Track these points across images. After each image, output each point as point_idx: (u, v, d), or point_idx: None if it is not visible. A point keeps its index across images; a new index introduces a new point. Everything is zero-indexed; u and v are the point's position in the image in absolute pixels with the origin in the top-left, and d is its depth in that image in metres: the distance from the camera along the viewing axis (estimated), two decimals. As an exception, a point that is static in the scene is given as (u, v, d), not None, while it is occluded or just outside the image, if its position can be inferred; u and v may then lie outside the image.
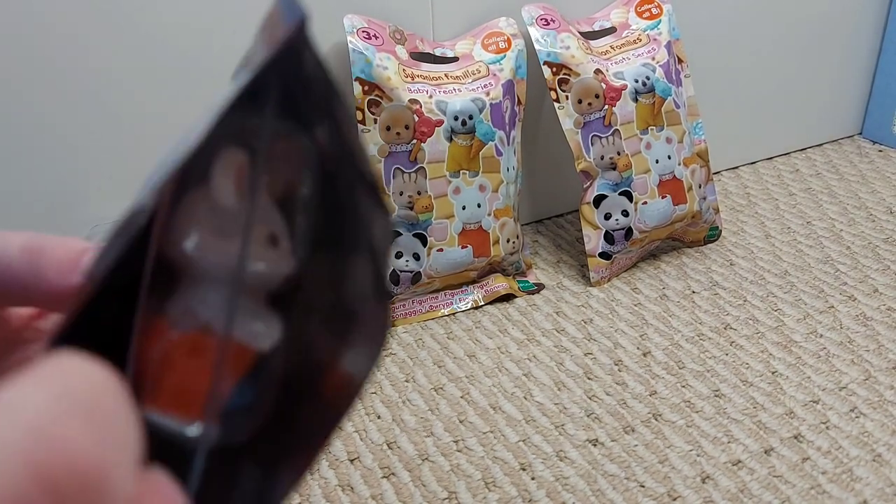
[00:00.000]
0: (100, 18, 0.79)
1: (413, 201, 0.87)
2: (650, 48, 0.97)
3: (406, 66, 0.87)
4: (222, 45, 0.85)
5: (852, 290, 0.96)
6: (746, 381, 0.82)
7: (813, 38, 1.20)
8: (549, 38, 0.93)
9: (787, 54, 1.19)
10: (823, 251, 1.03)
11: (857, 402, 0.79)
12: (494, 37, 0.93)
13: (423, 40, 0.92)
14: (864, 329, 0.89)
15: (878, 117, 1.28)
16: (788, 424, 0.77)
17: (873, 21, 1.23)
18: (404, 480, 0.73)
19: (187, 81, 0.85)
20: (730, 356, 0.86)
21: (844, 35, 1.23)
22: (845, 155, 1.26)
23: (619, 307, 0.94)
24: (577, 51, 0.93)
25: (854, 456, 0.74)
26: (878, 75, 1.27)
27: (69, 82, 0.80)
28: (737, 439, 0.76)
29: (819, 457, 0.74)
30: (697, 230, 1.03)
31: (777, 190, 1.18)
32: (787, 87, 1.22)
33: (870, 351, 0.86)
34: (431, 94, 0.87)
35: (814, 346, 0.87)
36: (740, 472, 0.72)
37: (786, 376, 0.83)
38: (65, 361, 0.17)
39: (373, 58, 0.85)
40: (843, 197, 1.15)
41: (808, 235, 1.06)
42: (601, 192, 0.95)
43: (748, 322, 0.91)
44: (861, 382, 0.82)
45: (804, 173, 1.22)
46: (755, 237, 1.07)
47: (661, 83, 0.95)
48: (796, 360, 0.85)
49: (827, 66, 1.24)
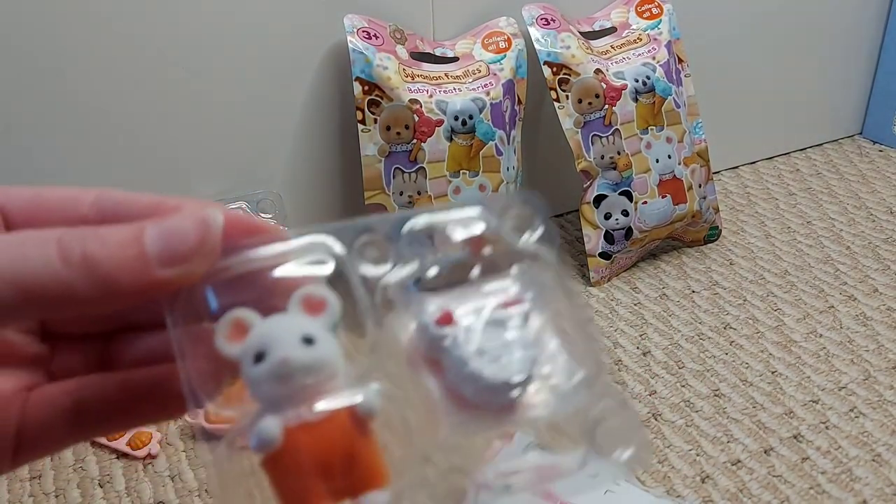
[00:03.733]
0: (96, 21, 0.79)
1: (413, 201, 0.87)
2: (650, 48, 0.97)
3: (406, 66, 0.87)
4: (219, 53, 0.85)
5: (852, 289, 0.96)
6: (746, 381, 0.82)
7: (813, 37, 1.20)
8: (549, 37, 0.93)
9: (787, 54, 1.19)
10: (823, 251, 1.03)
11: (857, 402, 0.79)
12: (495, 36, 0.93)
13: (423, 40, 0.92)
14: (863, 329, 0.89)
15: (879, 117, 1.28)
16: (788, 424, 0.77)
17: (874, 20, 1.23)
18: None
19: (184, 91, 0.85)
20: (729, 356, 0.86)
21: (845, 34, 1.22)
22: (845, 154, 1.26)
23: (619, 307, 0.94)
24: (577, 50, 0.93)
25: (853, 456, 0.74)
26: (878, 75, 1.27)
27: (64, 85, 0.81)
28: (736, 439, 0.76)
29: (818, 457, 0.74)
30: (697, 230, 1.03)
31: (777, 190, 1.18)
32: (787, 86, 1.22)
33: (869, 351, 0.86)
34: (431, 93, 0.87)
35: (813, 345, 0.87)
36: (740, 471, 0.72)
37: (785, 376, 0.83)
38: None
39: (373, 58, 0.85)
40: (844, 197, 1.15)
41: (808, 235, 1.06)
42: (601, 192, 0.95)
43: (748, 322, 0.91)
44: (861, 382, 0.82)
45: (804, 173, 1.22)
46: (755, 237, 1.07)
47: (661, 83, 0.95)
48: (796, 359, 0.85)
49: (827, 65, 1.24)
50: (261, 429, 0.25)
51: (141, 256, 0.24)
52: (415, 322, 0.29)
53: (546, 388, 0.29)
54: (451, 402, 0.28)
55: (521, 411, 0.28)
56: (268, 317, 0.26)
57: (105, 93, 0.82)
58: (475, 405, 0.28)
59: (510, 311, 0.29)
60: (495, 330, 0.28)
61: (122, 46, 0.81)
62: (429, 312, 0.29)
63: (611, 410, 0.29)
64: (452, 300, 0.29)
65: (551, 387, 0.29)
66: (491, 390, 0.27)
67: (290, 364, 0.25)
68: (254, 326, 0.26)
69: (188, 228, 0.25)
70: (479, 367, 0.27)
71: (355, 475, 0.25)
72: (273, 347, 0.25)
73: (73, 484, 0.74)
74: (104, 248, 0.24)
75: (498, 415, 0.28)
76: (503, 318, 0.29)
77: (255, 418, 0.26)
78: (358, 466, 0.26)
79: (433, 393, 0.28)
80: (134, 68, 0.82)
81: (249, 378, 0.26)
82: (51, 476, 0.74)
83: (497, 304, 0.29)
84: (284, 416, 0.25)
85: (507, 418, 0.28)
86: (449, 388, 0.28)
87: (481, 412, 0.28)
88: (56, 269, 0.23)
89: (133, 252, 0.24)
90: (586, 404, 0.29)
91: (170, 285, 0.25)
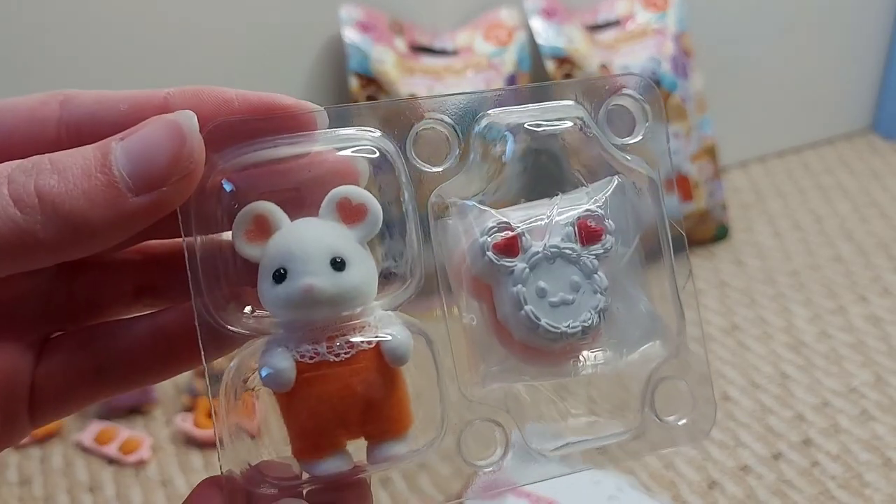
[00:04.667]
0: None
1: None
2: (657, 41, 0.95)
3: (405, 59, 0.86)
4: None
5: (864, 289, 0.94)
6: (755, 384, 0.81)
7: (823, 30, 1.19)
8: (552, 30, 0.91)
9: (797, 47, 1.18)
10: (834, 250, 1.01)
11: (868, 406, 0.78)
12: (496, 28, 0.91)
13: (422, 31, 0.91)
14: (875, 330, 0.87)
15: (891, 112, 1.26)
16: (797, 428, 0.76)
17: (885, 14, 1.22)
18: (400, 489, 0.71)
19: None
20: (738, 358, 0.84)
21: (856, 28, 1.21)
22: (856, 151, 1.24)
23: (624, 307, 0.93)
24: (581, 43, 0.91)
25: (864, 461, 0.72)
26: (889, 70, 1.25)
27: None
28: (744, 444, 0.74)
29: (828, 461, 0.72)
30: (705, 228, 1.02)
31: (787, 187, 1.16)
32: (796, 79, 1.20)
33: (881, 353, 0.84)
34: (431, 87, 0.85)
35: (824, 347, 0.85)
36: (748, 477, 0.71)
37: (795, 379, 0.81)
38: None
39: (370, 51, 0.83)
40: (855, 194, 1.13)
41: (819, 233, 1.05)
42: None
43: (757, 322, 0.89)
44: (872, 385, 0.80)
45: (814, 169, 1.20)
46: (764, 235, 1.05)
47: (667, 77, 0.93)
48: (806, 361, 0.83)
49: (837, 59, 1.22)
50: (271, 366, 0.22)
51: (110, 184, 0.20)
52: (470, 237, 0.25)
53: (611, 342, 0.25)
54: (496, 338, 0.25)
55: (576, 363, 0.25)
56: (296, 220, 0.23)
57: (95, 87, 0.81)
58: (524, 346, 0.24)
59: (587, 246, 0.25)
60: (565, 267, 0.25)
61: (112, 40, 0.80)
62: (488, 229, 0.24)
63: (677, 371, 0.26)
64: (520, 217, 0.25)
65: (616, 341, 0.26)
66: (545, 338, 0.24)
67: (315, 295, 0.22)
68: (279, 228, 0.23)
69: (160, 139, 0.21)
70: (537, 311, 0.24)
71: (375, 423, 0.23)
72: (297, 268, 0.22)
73: (62, 489, 0.72)
74: (64, 181, 0.20)
75: (548, 361, 0.25)
76: (576, 254, 0.25)
77: (268, 346, 0.23)
78: (378, 415, 0.23)
79: (477, 325, 0.25)
80: (123, 63, 0.81)
81: (266, 295, 0.23)
82: (40, 481, 0.73)
83: (574, 229, 0.25)
84: (299, 351, 0.22)
85: (558, 368, 0.25)
86: (497, 321, 0.25)
87: (530, 355, 0.24)
88: (10, 214, 0.19)
89: (101, 181, 0.20)
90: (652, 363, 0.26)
91: (149, 215, 0.21)
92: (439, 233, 0.25)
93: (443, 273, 0.25)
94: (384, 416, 0.23)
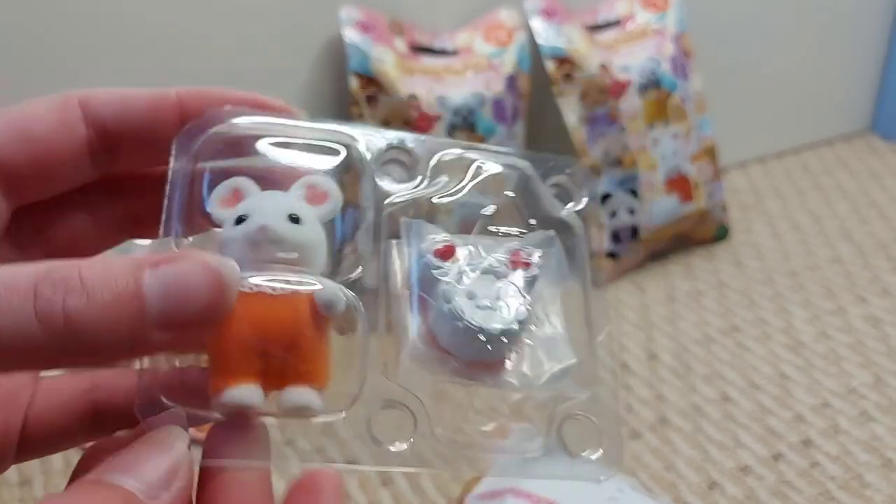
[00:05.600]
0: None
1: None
2: (656, 41, 0.95)
3: (405, 60, 0.86)
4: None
5: (863, 290, 0.94)
6: (754, 385, 0.81)
7: (822, 31, 1.18)
8: (552, 30, 0.91)
9: (796, 48, 1.18)
10: (833, 250, 1.01)
11: (867, 406, 0.78)
12: (496, 29, 0.91)
13: (422, 32, 0.90)
14: (874, 331, 0.87)
15: (890, 113, 1.26)
16: (797, 429, 0.76)
17: (883, 14, 1.22)
18: (401, 488, 0.71)
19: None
20: (737, 359, 0.84)
21: (855, 28, 1.21)
22: (856, 151, 1.24)
23: (625, 308, 0.92)
24: (581, 44, 0.91)
25: (864, 461, 0.72)
26: (888, 70, 1.25)
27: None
28: (744, 444, 0.74)
29: (828, 462, 0.72)
30: (705, 229, 1.02)
31: (786, 188, 1.16)
32: (796, 79, 1.20)
33: (880, 353, 0.84)
34: (431, 88, 0.85)
35: (823, 347, 0.85)
36: (748, 478, 0.71)
37: (794, 379, 0.81)
38: None
39: (370, 51, 0.83)
40: (854, 194, 1.13)
41: (818, 234, 1.05)
42: (606, 190, 0.93)
43: (756, 323, 0.89)
44: (871, 386, 0.80)
45: (814, 170, 1.20)
46: (764, 236, 1.05)
47: (667, 77, 0.93)
48: (805, 362, 0.83)
49: (837, 58, 1.22)
50: None
51: (138, 317, 0.19)
52: (414, 249, 0.28)
53: (527, 362, 0.27)
54: (423, 342, 0.27)
55: (492, 374, 0.27)
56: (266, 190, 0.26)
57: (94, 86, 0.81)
58: (445, 351, 0.27)
59: (516, 271, 0.28)
60: (495, 281, 0.27)
61: (110, 40, 0.80)
62: (431, 241, 0.28)
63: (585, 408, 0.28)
64: (461, 239, 0.28)
65: (533, 363, 0.27)
66: (467, 335, 0.26)
67: (267, 232, 0.24)
68: (249, 196, 0.26)
69: (199, 283, 0.20)
70: (463, 306, 0.26)
71: (294, 365, 0.24)
72: (257, 214, 0.25)
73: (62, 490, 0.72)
74: (93, 304, 0.19)
75: (464, 368, 0.27)
76: (506, 274, 0.28)
77: None
78: (300, 355, 0.24)
79: (409, 329, 0.27)
80: (122, 64, 0.81)
81: (224, 237, 0.25)
82: (40, 482, 0.73)
83: (506, 258, 0.28)
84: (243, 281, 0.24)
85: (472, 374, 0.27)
86: (428, 329, 0.27)
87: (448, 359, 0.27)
88: (32, 331, 0.19)
89: (129, 313, 0.19)
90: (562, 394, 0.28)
91: (165, 348, 0.21)
92: (388, 250, 0.28)
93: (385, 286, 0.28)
94: (306, 357, 0.24)
